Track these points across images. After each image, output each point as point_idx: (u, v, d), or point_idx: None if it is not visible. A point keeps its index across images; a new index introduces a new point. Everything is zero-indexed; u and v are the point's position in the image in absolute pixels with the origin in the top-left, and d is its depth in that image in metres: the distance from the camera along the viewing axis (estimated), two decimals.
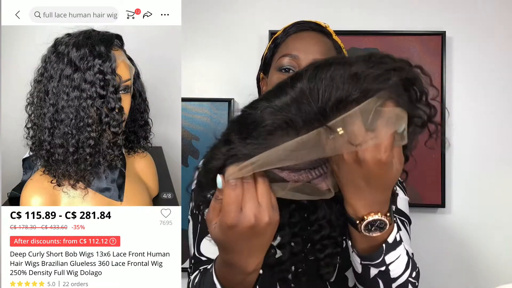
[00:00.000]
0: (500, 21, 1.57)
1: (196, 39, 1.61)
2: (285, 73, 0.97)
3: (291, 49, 0.97)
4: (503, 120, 1.56)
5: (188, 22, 1.60)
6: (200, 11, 1.61)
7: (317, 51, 0.96)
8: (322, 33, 1.01)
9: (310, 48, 0.96)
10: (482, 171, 1.56)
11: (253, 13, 1.61)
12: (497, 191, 1.55)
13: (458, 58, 1.58)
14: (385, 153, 0.59)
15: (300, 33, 1.00)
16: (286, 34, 1.02)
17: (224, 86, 1.60)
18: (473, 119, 1.57)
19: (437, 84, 1.55)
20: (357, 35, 1.58)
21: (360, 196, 0.64)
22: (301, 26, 1.01)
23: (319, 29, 1.02)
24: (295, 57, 0.96)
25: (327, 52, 0.98)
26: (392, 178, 0.64)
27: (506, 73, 1.56)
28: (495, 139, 1.56)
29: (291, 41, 0.99)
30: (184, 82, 1.60)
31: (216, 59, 1.61)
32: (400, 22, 1.59)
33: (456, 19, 1.58)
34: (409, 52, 1.56)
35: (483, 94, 1.57)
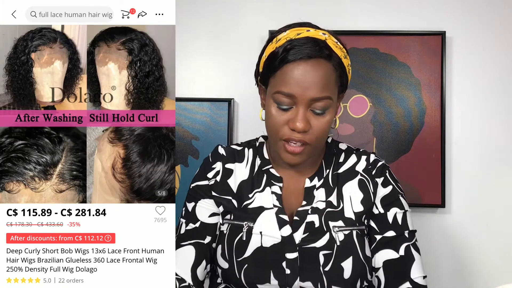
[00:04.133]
0: (500, 21, 1.57)
1: (196, 39, 1.62)
2: (283, 111, 0.96)
3: (288, 86, 0.94)
4: (503, 120, 1.56)
5: (188, 22, 1.61)
6: (200, 11, 1.62)
7: (315, 88, 0.94)
8: (320, 59, 0.95)
9: (308, 85, 0.93)
10: (482, 171, 1.56)
11: (253, 13, 1.62)
12: (497, 191, 1.55)
13: (458, 58, 1.58)
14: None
15: (297, 63, 0.94)
16: (283, 59, 0.96)
17: (224, 86, 1.61)
18: (473, 119, 1.57)
19: (437, 84, 1.55)
20: (357, 35, 1.58)
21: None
22: (299, 53, 0.95)
23: (318, 54, 0.95)
24: (291, 96, 0.94)
25: (326, 85, 0.95)
26: None
27: (506, 73, 1.56)
28: (495, 139, 1.56)
29: (288, 74, 0.95)
30: (184, 82, 1.61)
31: (216, 59, 1.62)
32: (400, 22, 1.59)
33: (456, 19, 1.58)
34: (409, 52, 1.57)
35: (483, 94, 1.57)
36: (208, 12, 1.62)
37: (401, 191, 1.05)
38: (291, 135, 0.96)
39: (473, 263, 1.55)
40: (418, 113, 1.56)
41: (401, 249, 0.99)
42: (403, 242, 0.99)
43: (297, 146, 0.97)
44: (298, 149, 0.97)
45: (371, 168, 1.05)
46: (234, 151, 1.11)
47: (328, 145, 1.10)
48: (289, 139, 0.97)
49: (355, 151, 1.09)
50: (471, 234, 1.55)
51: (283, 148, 0.98)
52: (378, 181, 1.03)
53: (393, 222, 1.01)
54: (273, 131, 0.99)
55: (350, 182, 1.04)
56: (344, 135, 1.57)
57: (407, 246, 0.99)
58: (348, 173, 1.05)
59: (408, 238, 1.00)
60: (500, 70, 1.56)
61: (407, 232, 1.01)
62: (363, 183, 1.03)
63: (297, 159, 0.99)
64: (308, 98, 0.94)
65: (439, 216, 1.57)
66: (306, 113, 0.95)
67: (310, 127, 0.96)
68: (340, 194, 1.02)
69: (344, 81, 1.01)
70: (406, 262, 0.98)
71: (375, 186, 1.03)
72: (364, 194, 1.02)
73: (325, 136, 1.01)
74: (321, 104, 0.95)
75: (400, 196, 1.04)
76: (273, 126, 0.99)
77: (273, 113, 0.98)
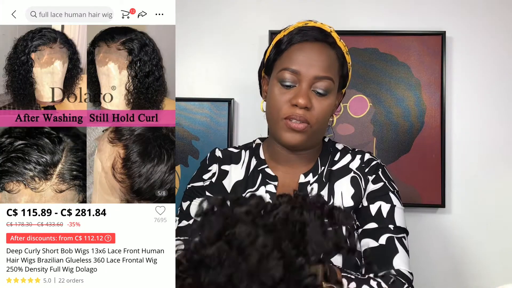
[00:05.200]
0: (500, 21, 1.57)
1: (196, 39, 1.62)
2: (286, 89, 0.99)
3: (293, 63, 0.99)
4: (503, 120, 1.56)
5: (189, 22, 1.61)
6: (200, 11, 1.62)
7: (319, 67, 0.99)
8: (326, 44, 1.01)
9: (312, 63, 0.98)
10: (482, 171, 1.56)
11: (253, 13, 1.62)
12: (497, 191, 1.55)
13: (458, 58, 1.58)
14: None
15: (303, 44, 1.00)
16: (289, 42, 1.01)
17: (224, 86, 1.61)
18: (473, 119, 1.57)
19: (437, 84, 1.55)
20: (357, 35, 1.58)
21: None
22: (305, 35, 1.01)
23: (323, 38, 1.01)
24: (296, 72, 0.98)
25: (329, 67, 1.00)
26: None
27: (506, 73, 1.56)
28: (495, 139, 1.56)
29: (294, 53, 1.00)
30: (184, 82, 1.61)
31: (216, 59, 1.62)
32: (400, 22, 1.60)
33: (456, 19, 1.58)
34: (409, 52, 1.57)
35: (483, 94, 1.57)
36: (208, 12, 1.62)
37: (393, 189, 1.04)
38: (293, 111, 0.98)
39: (473, 263, 1.55)
40: (418, 113, 1.56)
41: (381, 239, 0.96)
42: (384, 233, 0.96)
43: (299, 123, 0.98)
44: (300, 126, 0.98)
45: (364, 166, 1.05)
46: (231, 154, 1.12)
47: (324, 144, 1.11)
48: (290, 116, 0.98)
49: (350, 150, 1.10)
50: (470, 234, 1.55)
51: (284, 127, 0.99)
52: (369, 178, 1.04)
53: (376, 214, 0.99)
54: (275, 110, 1.01)
55: (342, 179, 1.04)
56: (344, 135, 1.57)
57: (389, 237, 0.96)
58: (342, 170, 1.06)
59: (393, 231, 0.97)
60: (500, 70, 1.56)
61: (392, 226, 0.98)
62: (355, 180, 1.04)
63: (298, 138, 0.99)
64: (312, 75, 0.98)
65: (439, 216, 1.57)
66: (309, 92, 0.98)
67: (312, 106, 0.98)
68: (331, 189, 1.03)
69: (345, 74, 1.05)
70: (388, 252, 0.94)
71: (366, 183, 1.03)
72: (355, 190, 1.02)
73: (325, 121, 1.03)
74: (323, 83, 0.98)
75: (391, 193, 1.02)
76: (275, 106, 1.01)
77: (276, 93, 1.00)
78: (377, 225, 0.98)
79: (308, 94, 0.98)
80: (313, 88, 0.99)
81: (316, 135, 1.03)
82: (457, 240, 1.56)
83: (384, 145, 1.56)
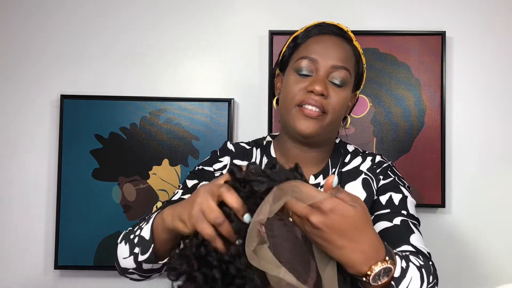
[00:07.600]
0: (500, 21, 1.57)
1: (196, 39, 1.61)
2: (302, 77, 0.98)
3: (311, 52, 0.99)
4: (503, 120, 1.56)
5: (188, 22, 1.61)
6: (200, 11, 1.61)
7: (336, 57, 0.98)
8: (343, 38, 1.02)
9: (329, 53, 0.98)
10: (482, 171, 1.56)
11: (253, 13, 1.62)
12: (497, 191, 1.55)
13: (458, 58, 1.58)
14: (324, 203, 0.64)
15: (321, 36, 1.01)
16: (307, 35, 1.02)
17: (224, 86, 1.60)
18: (473, 119, 1.57)
19: (437, 84, 1.55)
20: (357, 35, 1.55)
21: (350, 253, 0.66)
22: (323, 29, 1.01)
23: (341, 34, 1.02)
24: (314, 61, 0.97)
25: (346, 59, 0.99)
26: (358, 217, 0.66)
27: (506, 73, 1.56)
28: (495, 139, 1.56)
29: (312, 44, 1.00)
30: (184, 82, 1.61)
31: (216, 59, 1.62)
32: (400, 22, 1.60)
33: (456, 19, 1.58)
34: (409, 52, 1.57)
35: (483, 94, 1.57)
36: (208, 12, 1.62)
37: (404, 184, 1.02)
38: (309, 97, 0.96)
39: (473, 263, 1.55)
40: (418, 113, 1.56)
41: (395, 220, 0.92)
42: (398, 216, 0.93)
43: (314, 111, 0.96)
44: (314, 113, 0.96)
45: (376, 168, 1.04)
46: (243, 149, 1.10)
47: (336, 145, 1.10)
48: (304, 101, 0.96)
49: (361, 153, 1.09)
50: (471, 234, 1.55)
51: (297, 114, 0.97)
52: (380, 178, 1.03)
53: (387, 202, 0.97)
54: (289, 98, 0.99)
55: (353, 182, 1.03)
56: (344, 135, 1.57)
57: (403, 220, 0.92)
58: (352, 173, 1.04)
59: (406, 215, 0.93)
60: (500, 70, 1.56)
61: (405, 212, 0.94)
62: (366, 182, 1.02)
63: (311, 126, 0.96)
64: (329, 64, 0.97)
65: (439, 216, 1.57)
66: (326, 81, 0.97)
67: (328, 94, 0.97)
68: None
69: (360, 72, 1.05)
70: (404, 231, 0.91)
71: (377, 183, 1.02)
72: (367, 193, 1.01)
73: (340, 114, 1.01)
74: (340, 74, 0.98)
75: (401, 186, 1.00)
76: (289, 93, 0.99)
77: (292, 81, 0.99)
78: (390, 210, 0.95)
79: (325, 82, 0.97)
80: (330, 78, 0.98)
81: (329, 128, 1.01)
82: (457, 240, 1.56)
83: (384, 145, 1.56)
